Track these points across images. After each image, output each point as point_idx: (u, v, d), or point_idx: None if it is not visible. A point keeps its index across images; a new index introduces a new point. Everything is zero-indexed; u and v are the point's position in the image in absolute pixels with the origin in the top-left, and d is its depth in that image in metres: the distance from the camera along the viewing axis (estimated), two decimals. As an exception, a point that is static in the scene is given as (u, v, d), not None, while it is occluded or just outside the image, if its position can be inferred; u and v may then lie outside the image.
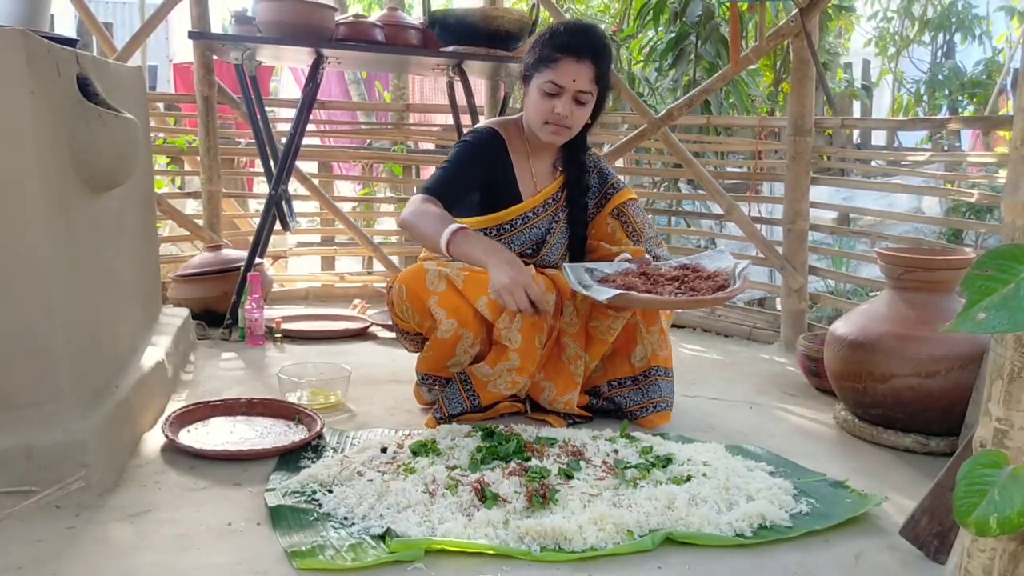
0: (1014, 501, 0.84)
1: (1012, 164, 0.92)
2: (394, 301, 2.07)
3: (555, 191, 2.23)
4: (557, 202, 2.23)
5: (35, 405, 1.58)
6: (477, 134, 2.19)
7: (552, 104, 2.07)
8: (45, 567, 1.33)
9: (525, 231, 2.19)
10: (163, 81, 10.85)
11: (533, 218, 2.20)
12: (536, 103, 2.09)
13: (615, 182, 2.29)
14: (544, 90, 2.07)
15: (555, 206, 2.23)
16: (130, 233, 2.15)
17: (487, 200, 2.18)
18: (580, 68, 2.04)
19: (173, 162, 4.18)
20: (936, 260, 2.05)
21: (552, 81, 2.05)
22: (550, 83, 2.05)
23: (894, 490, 1.75)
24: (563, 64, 2.04)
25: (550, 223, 2.22)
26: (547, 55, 2.06)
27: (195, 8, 3.23)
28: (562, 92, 2.06)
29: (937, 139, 5.46)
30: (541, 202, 2.20)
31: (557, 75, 2.05)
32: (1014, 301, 0.78)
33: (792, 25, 2.91)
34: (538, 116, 2.10)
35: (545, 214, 2.22)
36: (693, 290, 1.91)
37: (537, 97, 2.09)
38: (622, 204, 2.26)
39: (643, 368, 2.16)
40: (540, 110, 2.09)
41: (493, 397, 2.07)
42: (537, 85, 2.08)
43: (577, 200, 2.24)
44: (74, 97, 1.68)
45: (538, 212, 2.21)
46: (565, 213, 2.25)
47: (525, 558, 1.40)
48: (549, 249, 2.23)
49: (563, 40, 2.06)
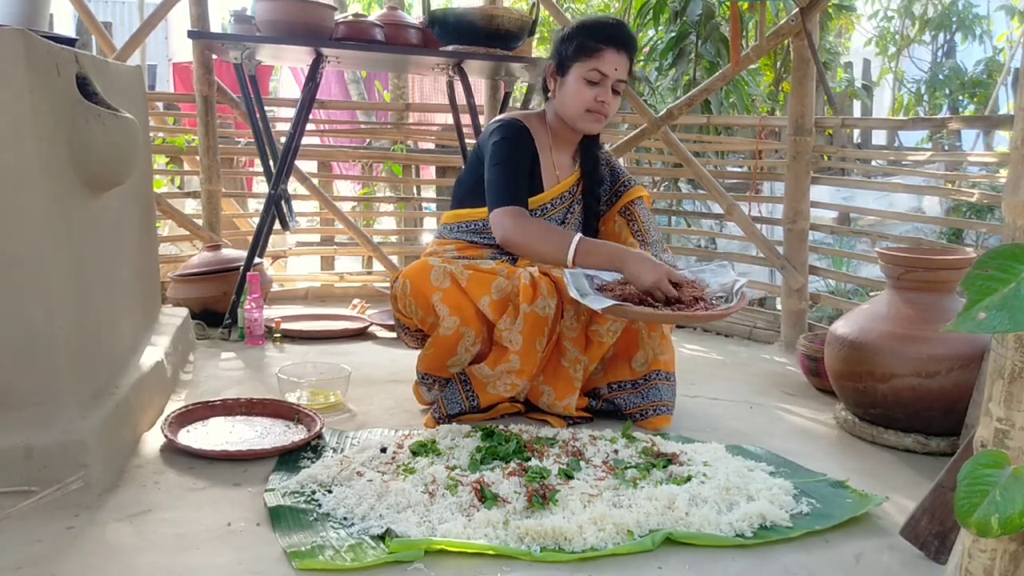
0: (1015, 501, 0.84)
1: (1012, 163, 0.92)
2: (398, 296, 2.08)
3: (572, 184, 2.27)
4: (573, 195, 2.27)
5: (35, 405, 1.57)
6: (511, 128, 2.18)
7: (595, 92, 2.12)
8: (45, 567, 1.33)
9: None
10: (162, 80, 10.85)
11: (551, 209, 2.23)
12: (577, 92, 2.13)
13: (626, 179, 2.33)
14: (587, 79, 2.11)
15: (571, 199, 2.26)
16: (129, 233, 2.15)
17: None
18: (620, 58, 2.12)
19: (172, 162, 4.18)
20: (937, 260, 2.05)
21: (597, 69, 2.10)
22: (595, 71, 2.10)
23: (894, 490, 1.75)
24: (607, 54, 2.10)
25: (565, 214, 2.25)
26: (591, 45, 2.11)
27: (194, 7, 3.22)
28: (604, 81, 2.12)
29: (937, 139, 5.46)
30: (559, 194, 2.24)
31: (601, 63, 2.10)
32: (1015, 301, 0.78)
33: (792, 24, 2.90)
34: (579, 104, 2.14)
35: (561, 206, 2.25)
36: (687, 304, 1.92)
37: (578, 87, 2.13)
38: (630, 203, 2.28)
39: (644, 372, 2.16)
40: (582, 98, 2.13)
41: (492, 399, 2.07)
42: (579, 74, 2.12)
43: (592, 192, 2.28)
44: (73, 97, 1.68)
45: (555, 204, 2.24)
46: (580, 206, 2.28)
47: (525, 558, 1.40)
48: None
49: (605, 31, 2.13)
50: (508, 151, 2.14)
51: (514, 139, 2.17)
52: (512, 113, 2.31)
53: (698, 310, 1.89)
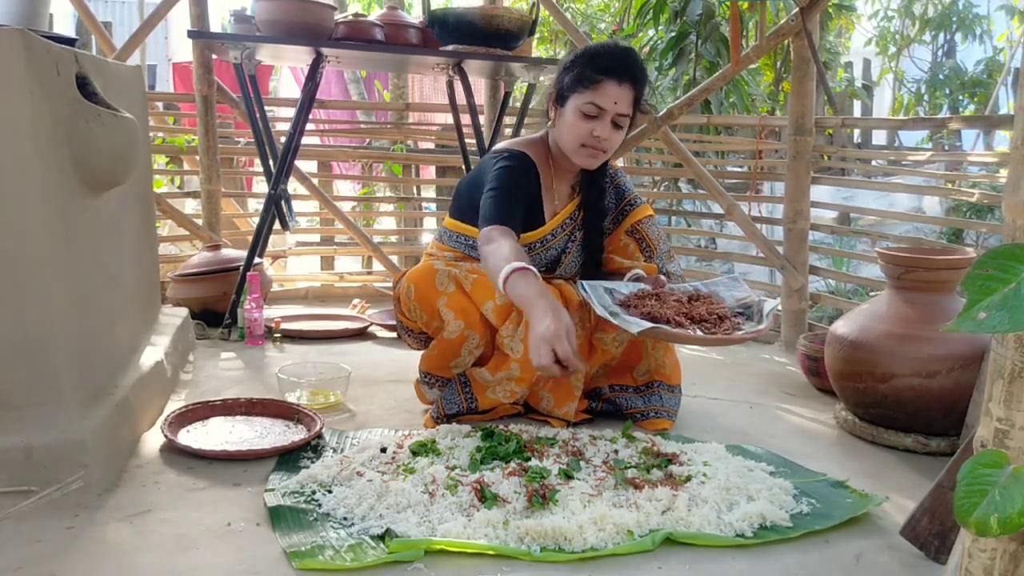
0: (1015, 501, 0.84)
1: (1012, 163, 0.92)
2: (402, 299, 2.07)
3: (572, 211, 2.19)
4: (574, 221, 2.20)
5: (34, 405, 1.57)
6: (516, 159, 2.09)
7: (591, 127, 2.01)
8: (45, 567, 1.33)
9: (542, 253, 2.17)
10: (162, 80, 10.86)
11: (552, 240, 2.16)
12: (573, 125, 2.03)
13: (632, 198, 2.24)
14: (584, 112, 2.01)
15: (572, 226, 2.20)
16: (129, 233, 2.15)
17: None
18: (621, 91, 2.00)
19: (172, 161, 4.18)
20: (937, 260, 2.05)
21: (593, 103, 1.99)
22: (591, 104, 1.99)
23: (894, 490, 1.75)
24: (605, 86, 1.99)
25: (566, 243, 2.20)
26: (589, 76, 2.00)
27: (194, 7, 3.22)
28: (603, 115, 2.00)
29: (938, 139, 5.46)
30: (559, 223, 2.17)
31: (598, 97, 1.99)
32: (1015, 301, 0.78)
33: (792, 24, 2.90)
34: (575, 138, 2.04)
35: (563, 234, 2.18)
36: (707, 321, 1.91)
37: (574, 120, 2.02)
38: (637, 223, 2.21)
39: (645, 381, 2.16)
40: (578, 132, 2.02)
41: (491, 403, 2.07)
42: (576, 106, 2.02)
43: (594, 224, 2.20)
44: (73, 96, 1.68)
45: (556, 234, 2.17)
46: (581, 232, 2.21)
47: (525, 558, 1.40)
48: (564, 268, 2.21)
49: (605, 62, 2.00)
50: (507, 177, 2.04)
51: (517, 169, 2.07)
52: (517, 142, 2.20)
53: (728, 330, 1.87)
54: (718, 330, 1.87)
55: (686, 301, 1.98)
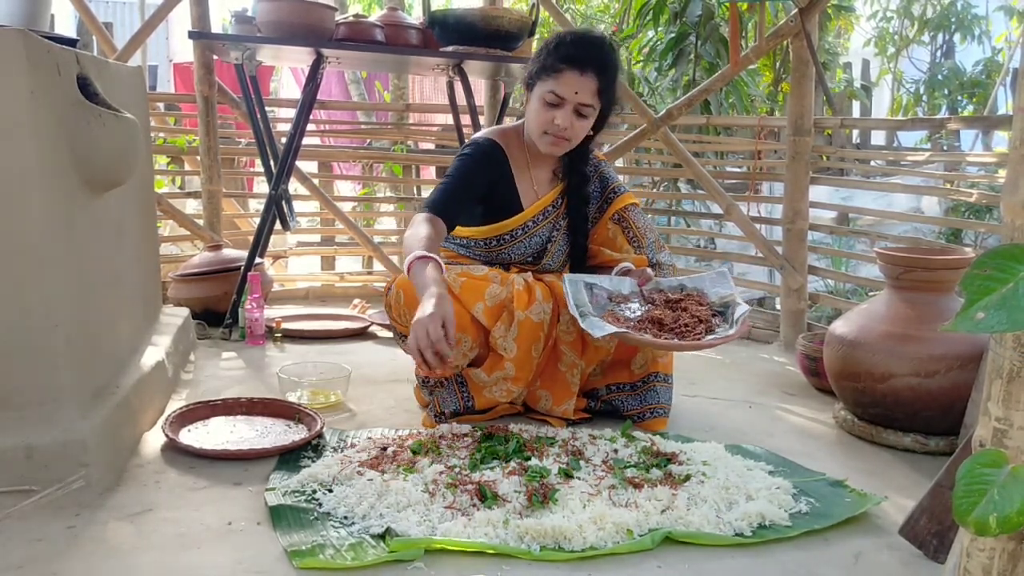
0: (1013, 500, 0.84)
1: (1011, 164, 0.92)
2: (392, 305, 2.07)
3: (555, 198, 2.21)
4: (557, 209, 2.21)
5: (35, 405, 1.58)
6: (476, 146, 2.15)
7: (552, 115, 2.03)
8: (45, 567, 1.33)
9: (525, 240, 2.18)
10: (163, 81, 10.85)
11: (533, 227, 2.18)
12: (536, 112, 2.06)
13: (616, 186, 2.26)
14: (545, 100, 2.03)
15: (555, 213, 2.21)
16: (130, 233, 2.15)
17: (489, 210, 2.16)
18: (583, 81, 2.00)
19: (173, 162, 4.18)
20: (935, 260, 2.05)
21: (553, 91, 2.01)
22: (551, 93, 2.02)
23: (893, 490, 1.75)
24: (566, 75, 2.00)
25: (551, 231, 2.21)
26: (550, 64, 2.02)
27: (195, 8, 3.22)
28: (563, 103, 2.02)
29: (936, 139, 5.46)
30: (541, 210, 2.19)
31: (558, 86, 2.01)
32: (1013, 301, 0.79)
33: (792, 25, 2.91)
34: (538, 126, 2.07)
35: (545, 222, 2.19)
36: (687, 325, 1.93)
37: (538, 106, 2.05)
38: (622, 209, 2.23)
39: (642, 375, 2.16)
40: (540, 120, 2.05)
41: (488, 402, 2.07)
42: (538, 95, 2.05)
43: (578, 209, 2.22)
44: (74, 97, 1.68)
45: (538, 221, 2.18)
46: (566, 221, 2.22)
47: (525, 557, 1.40)
48: (550, 257, 2.22)
49: (567, 51, 2.01)
50: (462, 166, 2.09)
51: (474, 155, 2.12)
52: (490, 130, 2.25)
53: (699, 335, 1.89)
54: (689, 335, 1.89)
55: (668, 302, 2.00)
